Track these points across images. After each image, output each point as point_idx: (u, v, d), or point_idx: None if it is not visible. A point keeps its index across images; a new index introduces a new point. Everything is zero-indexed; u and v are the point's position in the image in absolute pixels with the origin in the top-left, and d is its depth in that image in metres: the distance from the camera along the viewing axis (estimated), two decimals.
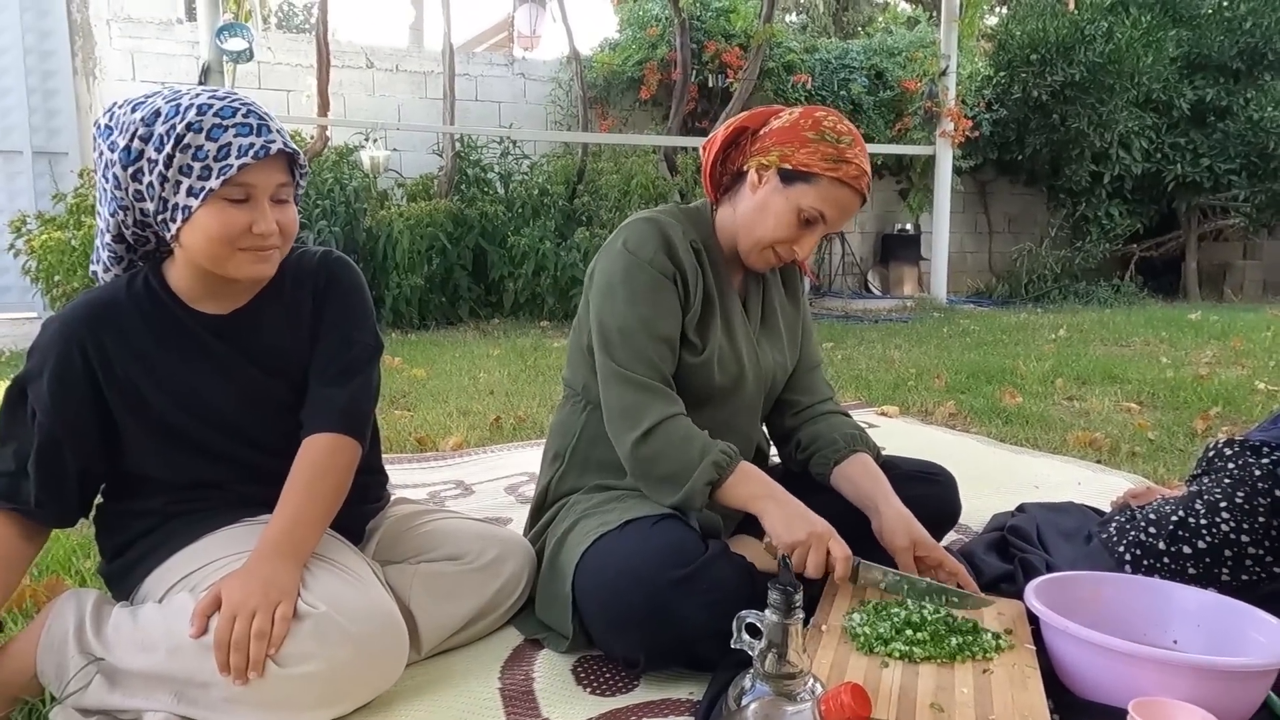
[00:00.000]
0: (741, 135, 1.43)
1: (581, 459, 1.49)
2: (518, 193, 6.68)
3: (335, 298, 1.28)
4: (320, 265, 1.29)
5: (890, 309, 7.59)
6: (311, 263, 1.29)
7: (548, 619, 1.37)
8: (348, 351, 1.26)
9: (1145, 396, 3.38)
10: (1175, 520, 1.46)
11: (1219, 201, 8.83)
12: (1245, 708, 1.13)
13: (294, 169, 1.19)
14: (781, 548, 1.21)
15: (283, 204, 1.17)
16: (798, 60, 7.93)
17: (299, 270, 1.27)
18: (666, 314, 1.35)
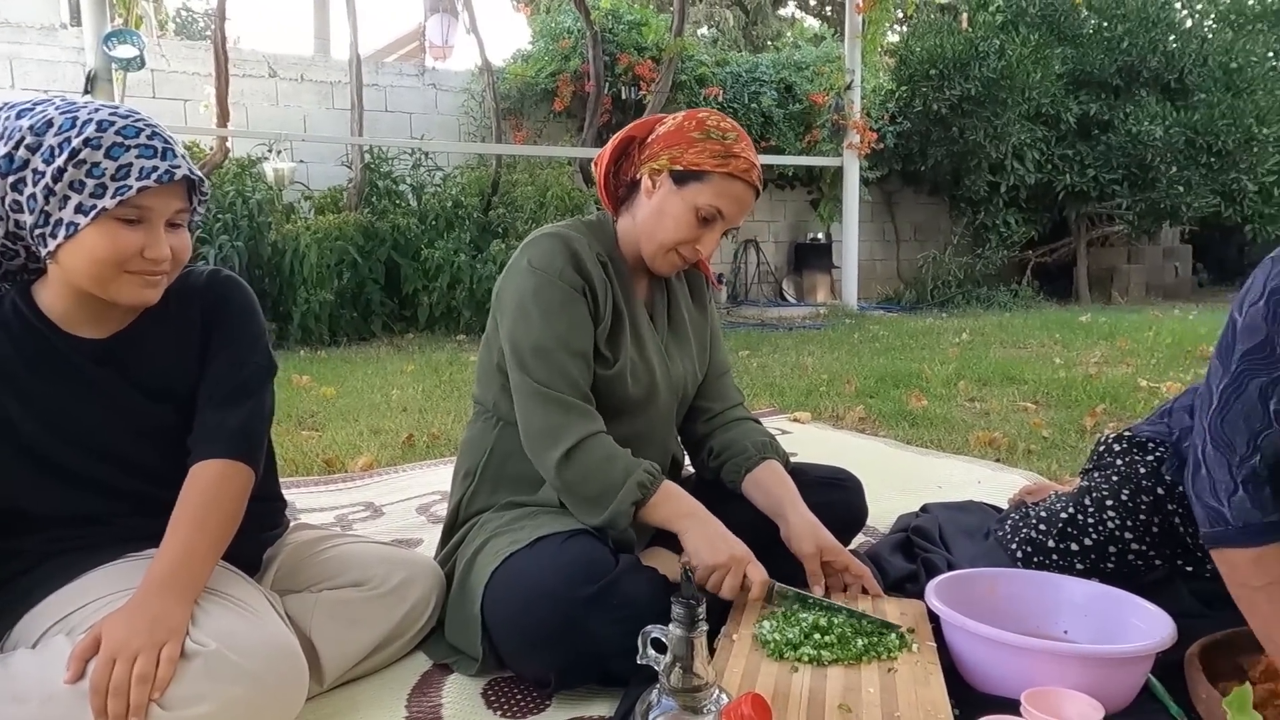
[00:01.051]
0: (630, 145, 1.45)
1: (493, 476, 1.47)
2: (431, 205, 6.57)
3: (225, 318, 1.22)
4: (208, 285, 1.23)
5: (804, 316, 7.77)
6: (199, 282, 1.23)
7: (457, 642, 1.34)
8: (239, 373, 1.21)
9: (1040, 396, 3.55)
10: (1064, 518, 1.53)
11: (1104, 210, 9.38)
12: (1129, 691, 1.19)
13: (193, 195, 1.15)
14: (701, 569, 1.21)
15: (177, 229, 1.13)
16: (709, 73, 8.07)
17: (185, 290, 1.22)
18: (580, 328, 1.35)
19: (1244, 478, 1.14)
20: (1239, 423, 1.15)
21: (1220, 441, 1.17)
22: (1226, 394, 1.16)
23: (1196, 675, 1.17)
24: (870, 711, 1.06)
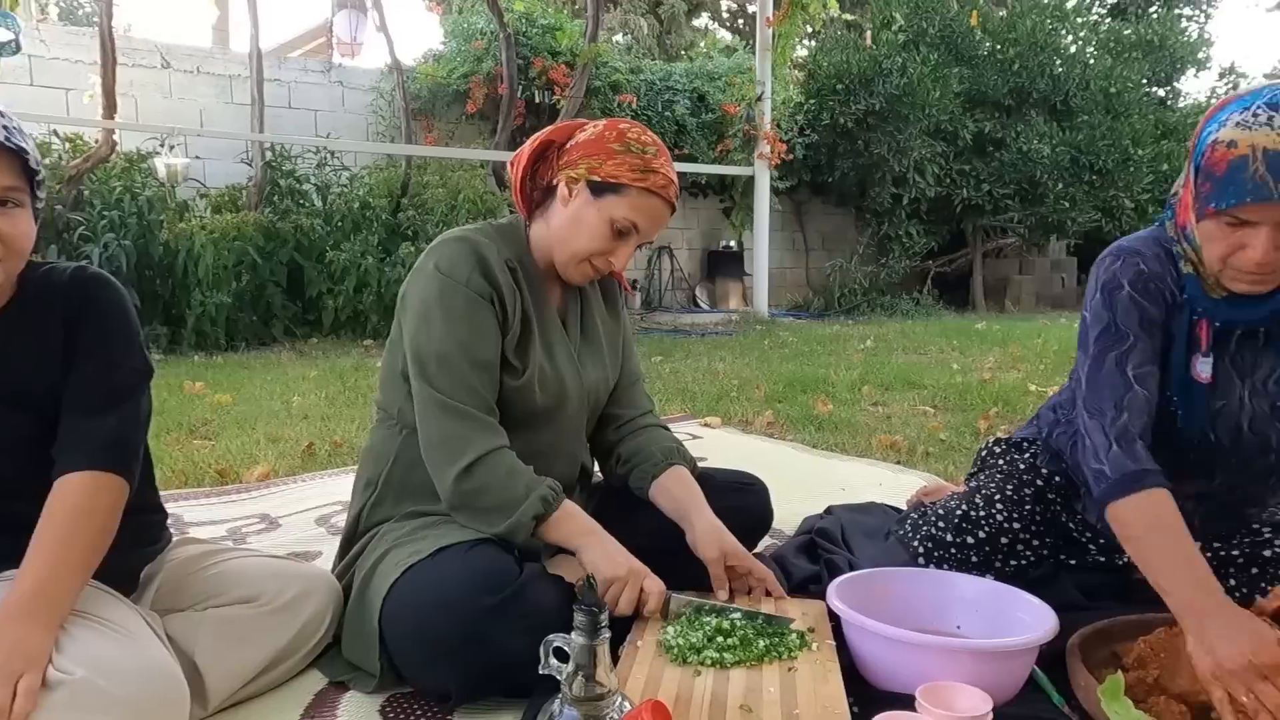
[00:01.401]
0: (548, 149, 1.43)
1: (396, 486, 1.43)
2: (337, 206, 6.38)
3: (92, 319, 1.14)
4: (72, 284, 1.14)
5: (716, 323, 7.88)
6: (61, 280, 1.14)
7: (355, 658, 1.29)
8: (110, 377, 1.13)
9: (939, 400, 3.70)
10: (960, 514, 1.59)
11: (998, 223, 9.87)
12: (1016, 682, 1.24)
13: (31, 176, 1.06)
14: (601, 583, 1.21)
15: (6, 209, 1.03)
16: (624, 80, 8.11)
17: (46, 290, 1.13)
18: (485, 337, 1.32)
19: (1116, 435, 1.27)
20: (1104, 391, 1.31)
21: (1093, 410, 1.31)
22: (1091, 372, 1.33)
23: (1076, 664, 1.23)
24: (770, 710, 1.08)
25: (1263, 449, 1.34)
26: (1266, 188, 1.08)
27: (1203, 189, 1.15)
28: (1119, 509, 1.22)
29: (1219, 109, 1.18)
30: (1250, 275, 1.16)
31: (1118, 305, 1.30)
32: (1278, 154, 1.07)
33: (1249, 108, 1.11)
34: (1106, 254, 1.36)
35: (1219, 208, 1.12)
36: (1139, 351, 1.29)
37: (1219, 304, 1.26)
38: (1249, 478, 1.41)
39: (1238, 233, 1.13)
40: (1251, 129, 1.10)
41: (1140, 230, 1.38)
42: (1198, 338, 1.30)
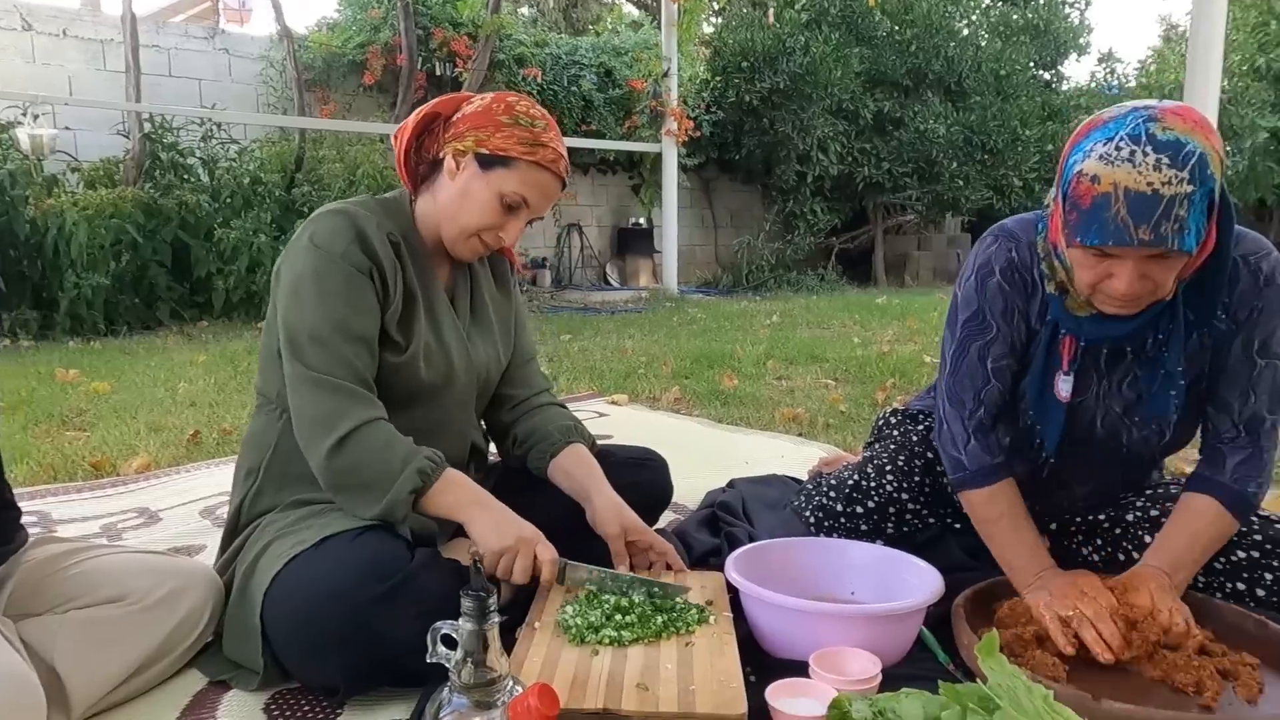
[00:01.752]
0: (434, 122, 1.38)
1: (278, 474, 1.36)
2: (225, 181, 6.05)
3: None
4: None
5: (626, 300, 7.88)
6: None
7: (236, 655, 1.23)
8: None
9: (840, 373, 3.79)
10: (851, 484, 1.63)
11: (898, 200, 10.19)
12: (905, 643, 1.29)
13: None
14: (488, 555, 1.18)
15: None
16: (528, 53, 7.95)
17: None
18: (362, 312, 1.27)
19: (974, 428, 1.37)
20: (966, 381, 1.37)
21: (954, 399, 1.38)
22: (955, 358, 1.39)
23: (960, 624, 1.28)
24: (666, 687, 1.08)
25: (1114, 446, 1.39)
26: (1127, 232, 1.05)
27: (1070, 218, 1.13)
28: (973, 496, 1.36)
29: (1085, 133, 1.14)
30: (1118, 302, 1.16)
31: (987, 292, 1.33)
32: (1139, 196, 1.04)
33: (1112, 139, 1.07)
34: (988, 233, 1.38)
35: (1084, 243, 1.10)
36: (1000, 343, 1.34)
37: (1084, 322, 1.26)
38: (1104, 473, 1.46)
39: (1104, 262, 1.12)
40: (1114, 164, 1.06)
41: (1027, 213, 1.39)
42: (1059, 355, 1.31)
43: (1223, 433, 1.31)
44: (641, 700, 1.05)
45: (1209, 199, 1.08)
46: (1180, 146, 1.05)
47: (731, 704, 1.04)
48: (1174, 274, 1.13)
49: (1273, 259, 1.26)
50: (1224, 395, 1.30)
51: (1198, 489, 1.31)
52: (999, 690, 0.88)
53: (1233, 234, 1.19)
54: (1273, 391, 1.28)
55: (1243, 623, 1.28)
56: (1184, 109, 1.09)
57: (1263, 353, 1.26)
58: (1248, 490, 1.28)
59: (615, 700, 1.05)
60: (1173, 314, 1.22)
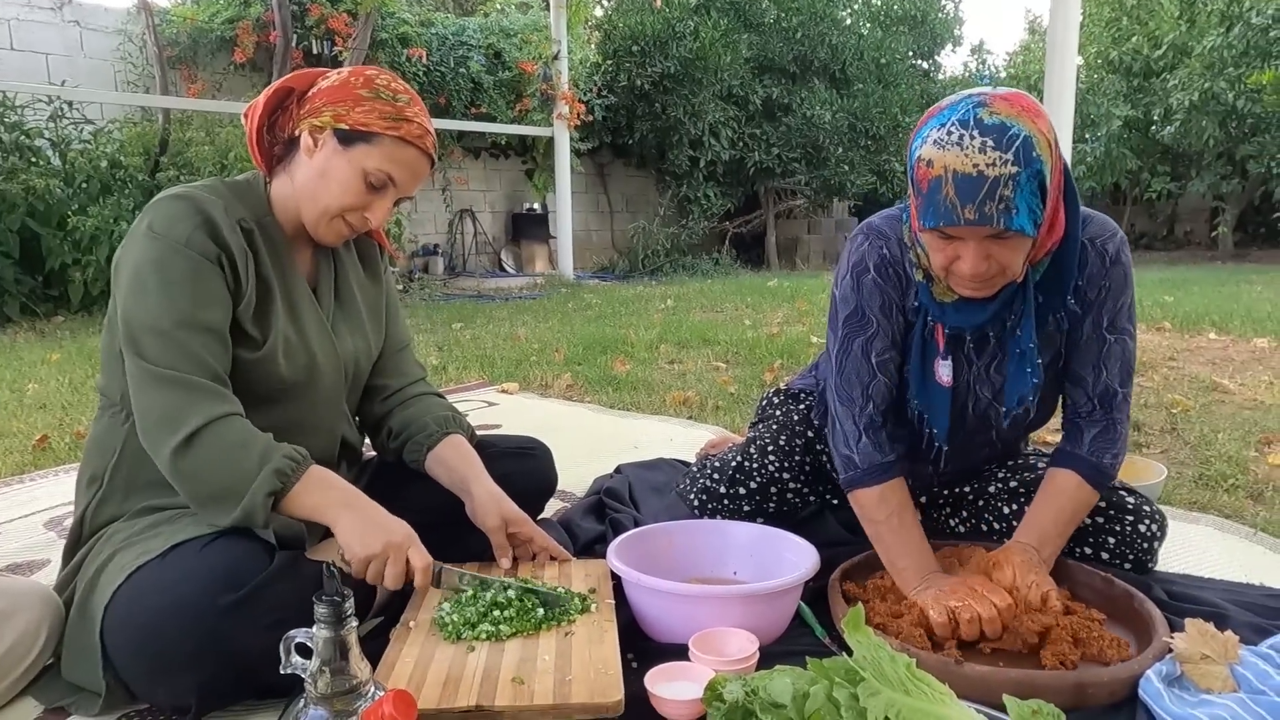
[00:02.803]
0: (288, 98, 1.29)
1: (125, 480, 1.25)
2: (79, 165, 5.60)
3: None
4: None
5: (521, 287, 7.77)
6: None
7: (76, 678, 1.13)
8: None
9: (730, 355, 3.85)
10: (734, 466, 1.65)
11: (788, 185, 10.43)
12: (783, 620, 1.31)
13: None
14: (356, 561, 1.11)
15: None
16: (413, 33, 7.69)
17: None
18: (210, 303, 1.17)
19: (864, 425, 1.38)
20: (853, 378, 1.39)
21: (844, 397, 1.41)
22: (840, 357, 1.41)
23: (836, 598, 1.31)
24: (543, 679, 1.06)
25: (984, 427, 1.46)
26: (955, 212, 1.09)
27: (916, 203, 1.17)
28: (862, 495, 1.38)
29: (925, 121, 1.17)
30: (969, 283, 1.20)
31: (864, 289, 1.37)
32: (966, 177, 1.08)
33: (945, 125, 1.11)
34: (857, 232, 1.41)
35: (924, 226, 1.15)
36: (881, 337, 1.37)
37: (947, 309, 1.31)
38: (975, 450, 1.53)
39: (950, 245, 1.17)
40: (945, 148, 1.10)
41: (890, 209, 1.43)
42: (935, 341, 1.36)
43: (1080, 408, 1.38)
44: (516, 694, 1.03)
45: (1038, 180, 1.12)
46: (1005, 130, 1.09)
47: (606, 691, 1.03)
48: (1019, 256, 1.18)
49: (1118, 239, 1.33)
50: (1078, 371, 1.37)
51: (1059, 464, 1.38)
52: (863, 662, 0.89)
53: (1079, 218, 1.25)
54: (1123, 365, 1.35)
55: (1091, 580, 1.36)
56: (1013, 95, 1.14)
57: (1111, 329, 1.34)
58: (1103, 462, 1.35)
59: (489, 696, 1.02)
60: (1024, 296, 1.28)
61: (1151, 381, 3.12)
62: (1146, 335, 4.19)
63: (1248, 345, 3.85)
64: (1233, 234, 10.97)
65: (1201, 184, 10.80)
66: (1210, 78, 9.71)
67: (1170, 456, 2.24)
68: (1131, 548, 1.44)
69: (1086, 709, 1.06)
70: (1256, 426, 2.47)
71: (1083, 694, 1.07)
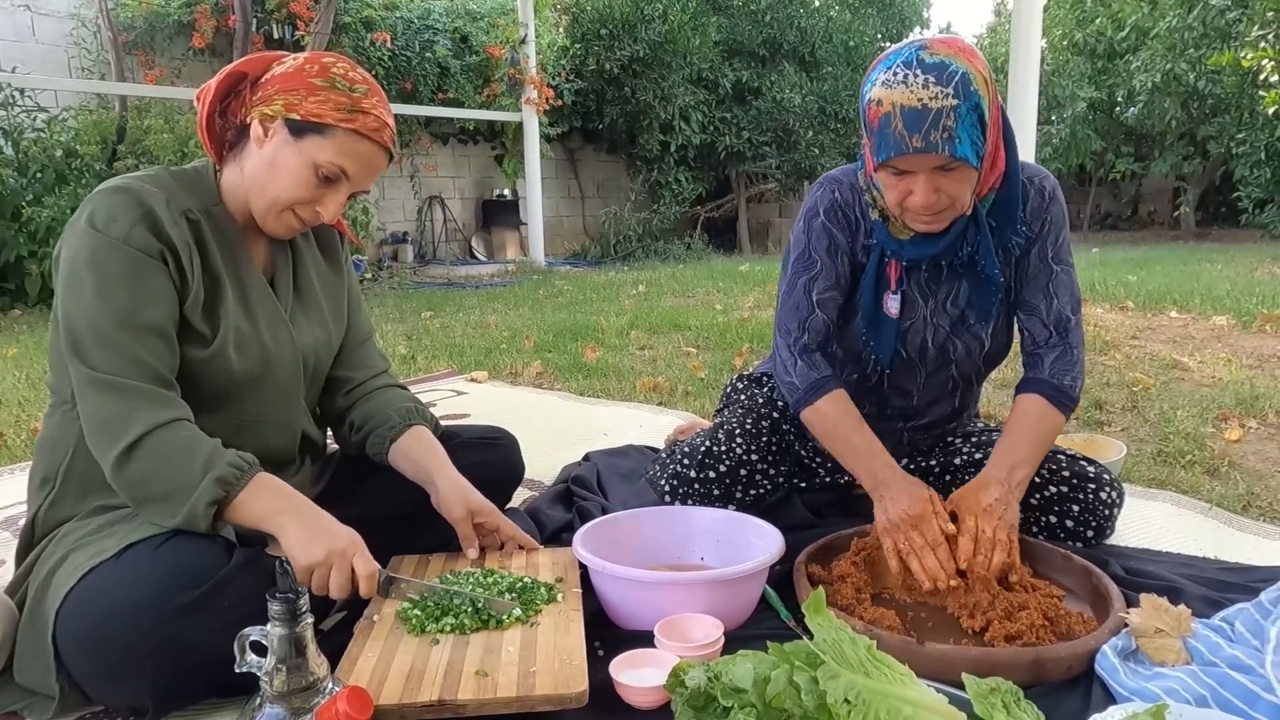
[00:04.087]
0: (240, 83, 1.26)
1: (78, 480, 1.22)
2: (33, 154, 5.46)
3: None
4: None
5: (492, 274, 7.72)
6: None
7: (29, 681, 1.10)
8: None
9: (701, 340, 3.85)
10: (703, 450, 1.65)
11: (759, 169, 10.43)
12: (749, 604, 1.31)
13: None
14: (299, 570, 1.08)
15: None
16: (377, 17, 7.55)
17: None
18: (152, 300, 1.14)
19: (798, 351, 1.50)
20: (791, 313, 1.51)
21: (782, 329, 1.52)
22: (785, 294, 1.53)
23: (801, 580, 1.32)
24: (507, 671, 1.05)
25: (944, 361, 1.54)
26: (904, 142, 1.20)
27: (870, 143, 1.27)
28: (809, 414, 1.47)
29: (873, 67, 1.27)
30: (923, 217, 1.31)
31: (813, 232, 1.48)
32: (912, 110, 1.19)
33: (891, 66, 1.23)
34: (816, 182, 1.51)
35: (878, 161, 1.24)
36: (824, 277, 1.48)
37: (904, 244, 1.41)
38: (937, 389, 1.59)
39: (903, 180, 1.27)
40: (891, 87, 1.21)
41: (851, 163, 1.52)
42: (887, 277, 1.46)
43: (1037, 336, 1.47)
44: (479, 688, 1.02)
45: (977, 113, 1.23)
46: (945, 67, 1.21)
47: (570, 682, 1.02)
48: (966, 188, 1.28)
49: (1052, 180, 1.46)
50: (1030, 300, 1.46)
51: (1023, 390, 1.45)
52: (824, 645, 0.90)
53: (1017, 153, 1.36)
54: (1071, 294, 1.46)
55: (1050, 557, 1.38)
56: (950, 39, 1.27)
57: (1056, 260, 1.45)
58: (1064, 383, 1.42)
59: (452, 690, 1.01)
60: (977, 225, 1.38)
61: (1114, 360, 3.17)
62: (1110, 314, 4.25)
63: (1207, 323, 3.93)
64: (1195, 213, 11.16)
65: (1164, 164, 10.97)
66: (1172, 59, 9.84)
67: (1131, 434, 2.29)
68: (1094, 515, 1.50)
69: (1044, 684, 1.08)
70: (1214, 403, 2.52)
71: (1040, 669, 1.08)
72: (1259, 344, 3.43)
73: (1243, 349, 3.33)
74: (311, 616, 0.84)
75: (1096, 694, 1.06)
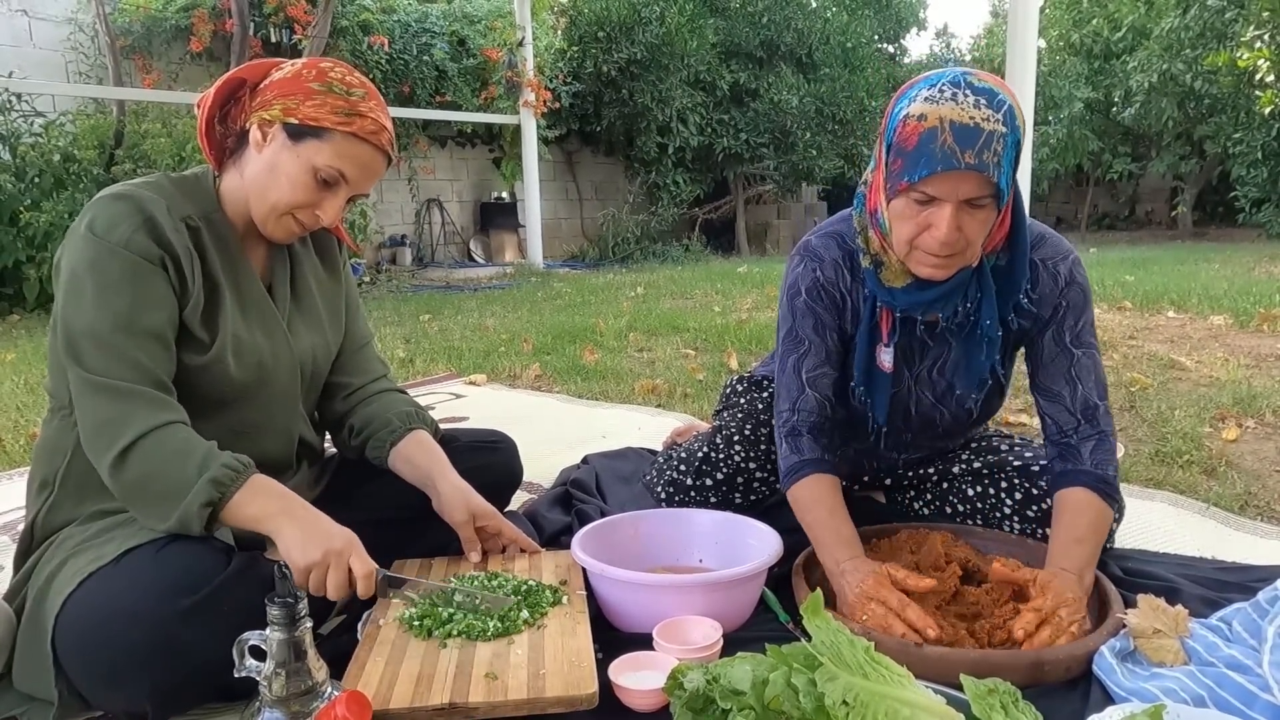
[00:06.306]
0: (240, 89, 1.26)
1: (77, 484, 1.23)
2: (31, 158, 5.46)
3: None
4: None
5: (491, 276, 7.72)
6: None
7: (28, 687, 1.10)
8: None
9: (699, 342, 3.85)
10: (700, 457, 1.65)
11: (757, 170, 10.44)
12: (747, 606, 1.32)
13: None
14: (296, 572, 1.08)
15: None
16: (374, 20, 7.56)
17: None
18: (151, 305, 1.15)
19: (785, 434, 1.45)
20: (783, 394, 1.47)
21: (776, 413, 1.48)
22: (778, 376, 1.49)
23: (799, 583, 1.32)
24: (516, 674, 1.05)
25: (929, 432, 1.51)
26: (955, 157, 1.11)
27: (894, 166, 1.19)
28: (791, 494, 1.42)
29: (907, 88, 1.21)
30: (933, 258, 1.21)
31: (797, 311, 1.43)
32: (964, 126, 1.12)
33: (935, 85, 1.16)
34: (794, 253, 1.46)
35: (912, 180, 1.15)
36: (813, 355, 1.43)
37: (896, 293, 1.32)
38: (925, 448, 1.58)
39: (925, 211, 1.18)
40: (939, 103, 1.13)
41: (830, 219, 1.46)
42: (880, 329, 1.39)
43: (1064, 426, 1.37)
44: (489, 690, 1.02)
45: (1016, 150, 1.17)
46: (994, 94, 1.15)
47: (581, 684, 1.03)
48: (982, 233, 1.21)
49: (1070, 261, 1.36)
50: (1051, 387, 1.38)
51: (1069, 484, 1.33)
52: (822, 647, 0.90)
53: (1025, 218, 1.29)
54: (1097, 379, 1.37)
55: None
56: (991, 75, 1.20)
57: (1076, 344, 1.36)
58: (1108, 474, 1.33)
59: (462, 693, 1.02)
60: (980, 281, 1.31)
61: (1112, 360, 3.17)
62: (1108, 314, 4.26)
63: (1205, 323, 3.94)
64: (1192, 213, 11.18)
65: (1161, 164, 10.98)
66: (1168, 59, 9.85)
67: (1129, 434, 2.29)
68: None
69: (1042, 685, 1.08)
70: (1211, 403, 2.52)
71: (1039, 671, 1.09)
72: (1256, 343, 3.44)
73: (1240, 348, 3.34)
74: (310, 621, 0.85)
75: (1095, 695, 1.06)
